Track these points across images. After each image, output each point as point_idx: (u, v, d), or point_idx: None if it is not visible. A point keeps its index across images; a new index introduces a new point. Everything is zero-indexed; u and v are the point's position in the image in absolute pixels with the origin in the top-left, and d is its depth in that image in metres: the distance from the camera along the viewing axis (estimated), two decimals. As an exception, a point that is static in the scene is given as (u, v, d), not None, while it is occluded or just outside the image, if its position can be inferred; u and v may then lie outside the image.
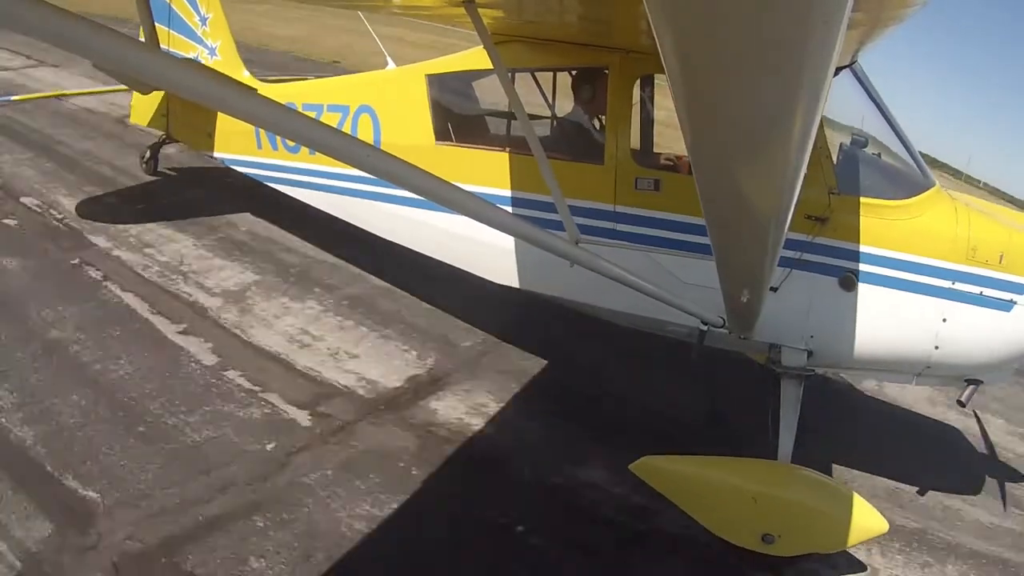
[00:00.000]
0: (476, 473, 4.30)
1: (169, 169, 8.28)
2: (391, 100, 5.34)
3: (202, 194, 7.82)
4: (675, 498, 3.95)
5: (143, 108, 7.30)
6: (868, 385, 6.04)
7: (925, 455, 5.30)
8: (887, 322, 4.09)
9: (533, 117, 4.44)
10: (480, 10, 3.67)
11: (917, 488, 4.84)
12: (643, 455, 4.00)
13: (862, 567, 4.06)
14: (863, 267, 4.07)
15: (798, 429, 4.10)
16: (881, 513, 3.86)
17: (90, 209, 6.98)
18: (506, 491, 4.18)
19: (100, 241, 6.37)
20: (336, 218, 5.78)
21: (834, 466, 4.82)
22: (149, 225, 6.86)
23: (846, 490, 4.01)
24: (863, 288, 4.08)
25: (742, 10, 1.14)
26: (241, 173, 6.51)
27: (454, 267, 5.17)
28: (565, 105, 5.08)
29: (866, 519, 3.79)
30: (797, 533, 3.82)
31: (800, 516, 3.85)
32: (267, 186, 6.27)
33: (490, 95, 5.48)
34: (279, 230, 7.18)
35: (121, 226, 6.71)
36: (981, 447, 5.51)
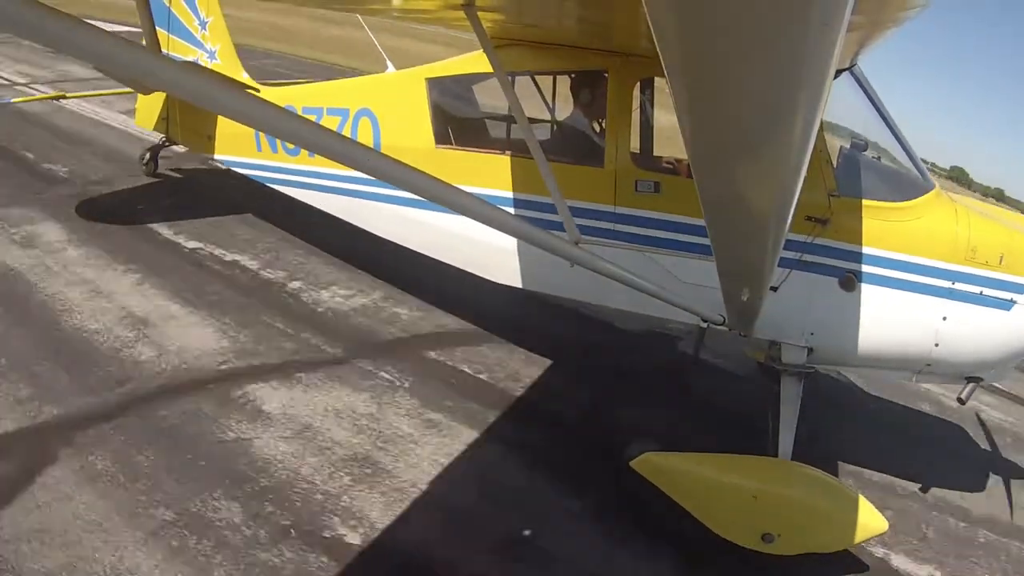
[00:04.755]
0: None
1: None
2: (391, 103, 5.35)
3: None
4: (676, 495, 3.95)
5: (147, 111, 7.30)
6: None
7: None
8: (887, 321, 4.11)
9: (533, 120, 4.45)
10: (480, 13, 3.68)
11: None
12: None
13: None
14: (864, 268, 4.08)
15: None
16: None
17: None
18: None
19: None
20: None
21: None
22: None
23: (847, 488, 4.01)
24: (864, 288, 4.09)
25: (742, 12, 1.14)
26: (241, 175, 6.52)
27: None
28: (565, 109, 5.09)
29: (867, 518, 3.79)
30: (797, 532, 3.82)
31: (800, 515, 3.85)
32: (268, 187, 6.28)
33: (490, 99, 5.49)
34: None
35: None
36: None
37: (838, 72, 4.00)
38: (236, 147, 6.41)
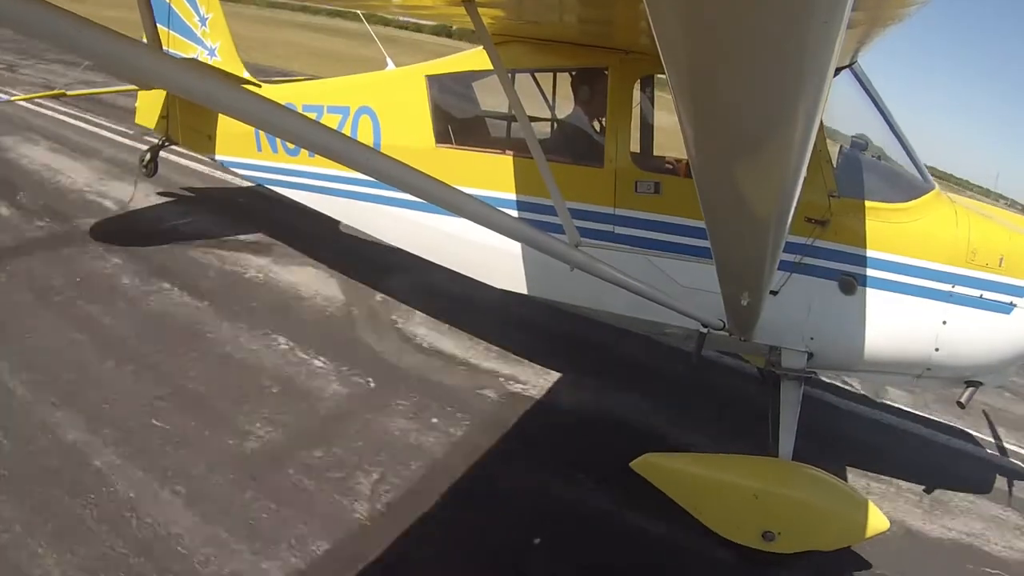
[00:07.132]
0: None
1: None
2: (391, 101, 5.32)
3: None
4: (676, 495, 3.94)
5: (148, 109, 7.26)
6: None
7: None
8: (887, 324, 4.09)
9: (533, 119, 4.42)
10: (480, 10, 3.66)
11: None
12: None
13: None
14: (863, 270, 4.06)
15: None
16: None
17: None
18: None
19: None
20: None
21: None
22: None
23: (847, 487, 4.00)
24: (863, 291, 4.07)
25: (742, 10, 1.14)
26: (241, 175, 6.50)
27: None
28: (565, 106, 5.07)
29: (867, 517, 3.78)
30: (798, 531, 3.82)
31: (801, 513, 3.85)
32: (270, 189, 6.26)
33: (490, 96, 5.47)
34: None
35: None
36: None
37: (838, 70, 3.99)
38: (236, 147, 6.37)
